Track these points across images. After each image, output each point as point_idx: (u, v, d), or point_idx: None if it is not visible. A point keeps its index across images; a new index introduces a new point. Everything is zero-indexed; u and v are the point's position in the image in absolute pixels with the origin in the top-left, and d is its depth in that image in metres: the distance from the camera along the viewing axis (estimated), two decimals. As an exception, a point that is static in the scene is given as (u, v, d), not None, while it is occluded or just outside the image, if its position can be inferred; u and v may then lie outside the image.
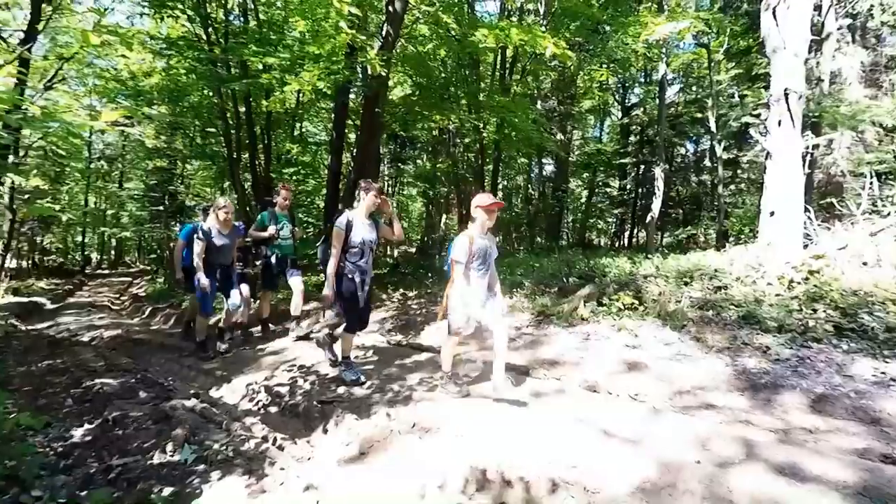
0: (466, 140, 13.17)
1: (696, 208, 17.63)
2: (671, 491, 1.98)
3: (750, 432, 2.58)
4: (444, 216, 17.55)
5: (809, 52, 7.28)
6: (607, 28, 10.27)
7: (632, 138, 18.89)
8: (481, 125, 9.78)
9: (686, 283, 5.37)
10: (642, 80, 17.87)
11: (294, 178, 11.13)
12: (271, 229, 4.93)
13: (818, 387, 3.19)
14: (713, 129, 13.33)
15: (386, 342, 4.93)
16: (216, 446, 2.46)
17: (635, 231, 19.70)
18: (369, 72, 6.15)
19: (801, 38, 5.50)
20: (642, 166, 17.90)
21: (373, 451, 2.52)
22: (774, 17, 5.58)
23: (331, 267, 3.32)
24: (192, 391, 3.53)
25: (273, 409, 3.27)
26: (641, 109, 18.28)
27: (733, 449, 2.31)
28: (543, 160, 18.17)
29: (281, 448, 2.60)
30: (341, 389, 3.31)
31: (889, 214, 5.33)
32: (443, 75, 9.76)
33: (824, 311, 4.08)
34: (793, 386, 3.24)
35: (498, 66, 12.13)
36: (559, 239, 17.03)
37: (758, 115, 8.59)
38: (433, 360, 4.00)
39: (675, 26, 8.76)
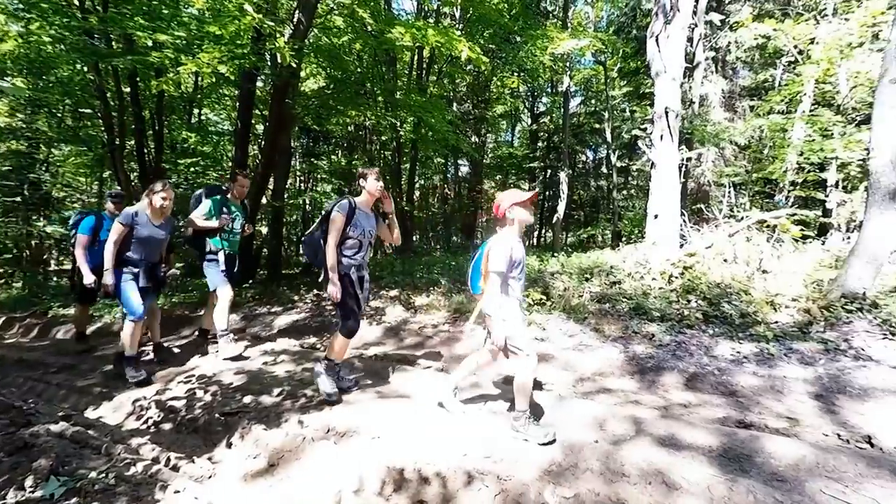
0: (383, 138, 13.02)
1: (595, 210, 19.42)
2: (574, 471, 2.15)
3: (638, 411, 2.89)
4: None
5: (684, 78, 8.39)
6: (518, 39, 10.84)
7: (540, 144, 20.15)
8: (398, 124, 9.74)
9: (587, 279, 5.88)
10: (549, 90, 19.13)
11: (193, 169, 10.08)
12: (222, 219, 4.10)
13: (691, 367, 3.69)
14: (609, 139, 14.76)
15: (299, 346, 4.69)
16: (93, 474, 2.14)
17: (543, 231, 21.06)
18: (279, 60, 5.80)
19: (677, 64, 6.31)
20: (549, 170, 19.19)
21: (283, 461, 2.39)
22: (657, 44, 6.32)
23: (330, 258, 2.87)
24: (60, 413, 3.03)
25: (167, 426, 2.93)
26: (548, 118, 19.58)
27: (625, 427, 2.59)
28: (459, 161, 18.64)
29: (176, 469, 2.35)
30: (248, 399, 3.08)
31: (742, 219, 6.34)
32: (359, 70, 9.54)
33: (696, 302, 4.73)
34: (672, 367, 3.71)
35: (415, 66, 12.18)
36: (475, 238, 17.57)
37: (644, 129, 9.68)
38: (348, 361, 3.89)
39: (576, 43, 9.53)
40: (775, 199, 9.89)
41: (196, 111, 11.68)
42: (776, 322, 4.26)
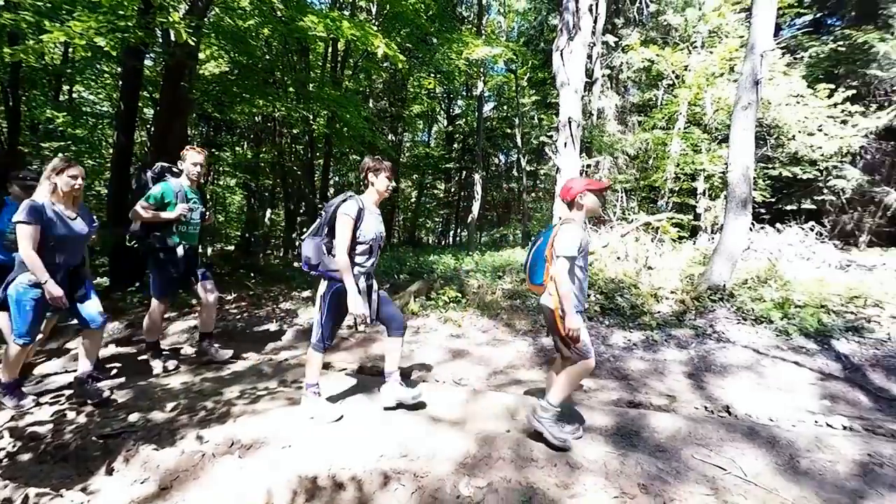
0: (295, 131, 12.37)
1: (508, 211, 20.43)
2: (487, 461, 2.25)
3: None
4: (270, 211, 16.14)
5: (585, 91, 9.14)
6: (434, 40, 10.98)
7: (455, 145, 20.64)
8: (311, 117, 9.31)
9: (499, 277, 6.15)
10: (465, 93, 19.67)
11: (61, 155, 8.62)
12: (180, 208, 3.39)
13: (590, 356, 4.05)
14: (519, 144, 15.61)
15: (197, 354, 4.26)
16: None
17: (458, 230, 21.61)
18: (173, 38, 5.20)
19: (579, 77, 6.87)
20: (464, 172, 19.74)
21: (179, 482, 2.15)
22: (562, 57, 6.83)
23: (345, 265, 2.50)
24: None
25: (26, 457, 2.49)
26: (464, 120, 20.12)
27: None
28: (376, 159, 18.36)
29: (38, 506, 2.00)
30: (134, 417, 2.72)
31: (632, 221, 7.11)
32: (267, 57, 8.94)
33: (595, 296, 5.19)
34: (574, 357, 4.03)
35: (329, 59, 11.74)
36: (390, 236, 17.44)
37: (551, 137, 10.39)
38: (256, 368, 3.64)
39: (490, 51, 9.93)
40: (658, 204, 11.24)
41: (66, 87, 10.03)
42: (659, 312, 4.84)
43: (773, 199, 12.37)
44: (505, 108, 19.08)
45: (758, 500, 1.95)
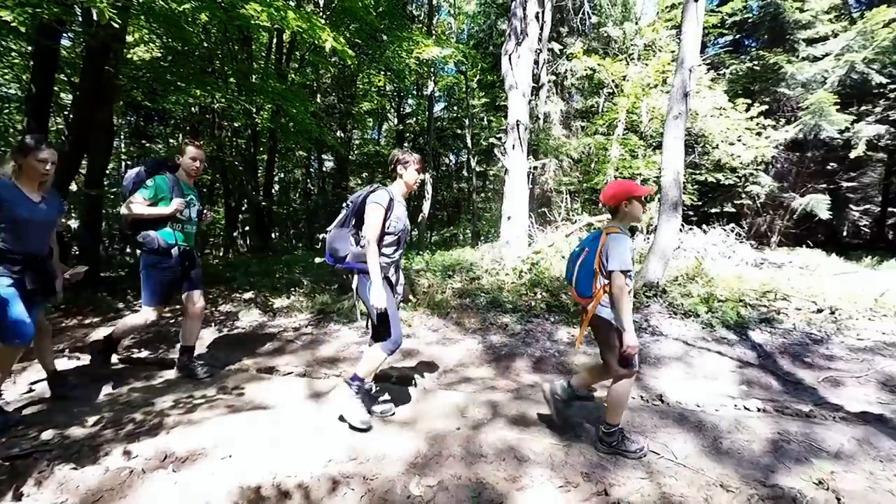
0: (236, 124, 11.74)
1: (457, 211, 20.63)
2: (438, 459, 2.26)
3: (494, 396, 3.17)
4: (208, 208, 15.19)
5: (532, 95, 9.43)
6: (385, 38, 10.85)
7: (406, 144, 20.52)
8: (254, 110, 8.88)
9: (449, 276, 6.20)
10: (415, 92, 19.62)
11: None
12: (176, 203, 3.13)
13: (537, 352, 4.18)
14: (469, 145, 15.80)
15: (124, 363, 3.92)
16: None
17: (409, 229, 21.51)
18: (95, 17, 4.75)
19: (526, 82, 7.08)
20: (415, 171, 19.65)
21: (103, 503, 1.97)
22: (510, 62, 7.00)
23: (374, 259, 2.40)
24: None
25: (-90, 487, 2.17)
26: (414, 119, 20.08)
27: (483, 412, 2.81)
28: (324, 155, 17.87)
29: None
30: (48, 434, 2.46)
31: (576, 222, 7.44)
32: (205, 45, 8.40)
33: (541, 294, 5.37)
34: (522, 353, 4.15)
35: (274, 50, 11.26)
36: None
37: (499, 139, 10.61)
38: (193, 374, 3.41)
39: (440, 51, 9.97)
40: (600, 205, 11.84)
41: (-39, 65, 8.85)
42: (600, 309, 5.10)
43: (699, 203, 13.45)
44: (455, 108, 19.23)
45: (686, 480, 2.11)
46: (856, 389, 3.41)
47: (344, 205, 2.65)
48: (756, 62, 13.21)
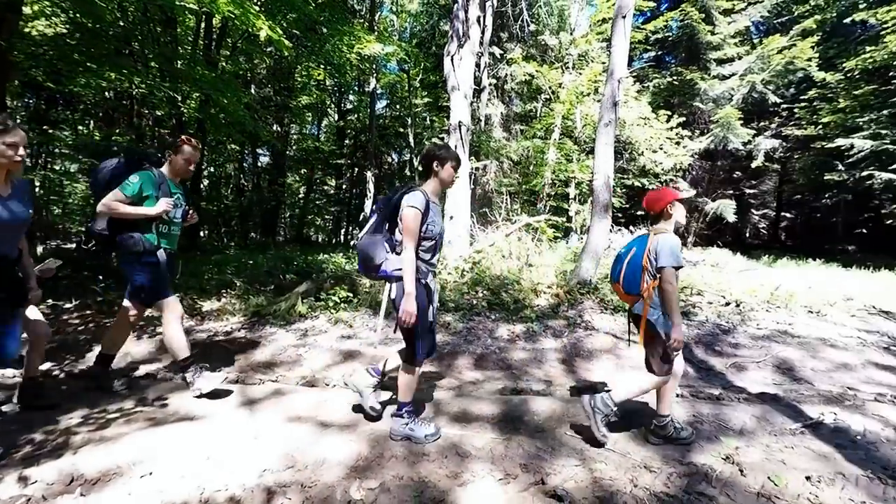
0: (159, 112, 10.81)
1: (400, 211, 20.46)
2: (380, 461, 2.23)
3: (437, 394, 3.19)
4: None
5: (474, 97, 9.60)
6: (324, 30, 10.51)
7: (347, 141, 20.06)
8: (179, 98, 8.22)
9: (392, 276, 6.14)
10: (357, 88, 19.21)
11: None
12: (164, 203, 2.80)
13: (479, 349, 4.26)
14: (412, 144, 15.76)
15: (18, 375, 3.47)
16: None
17: (350, 228, 21.04)
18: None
19: (468, 83, 7.19)
20: (356, 168, 19.28)
21: (-8, 537, 1.73)
22: (452, 63, 7.07)
23: (410, 264, 2.24)
24: None
25: None
26: (355, 116, 19.65)
27: (427, 410, 2.82)
28: (259, 150, 16.97)
29: None
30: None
31: (515, 222, 7.68)
32: (121, 23, 7.64)
33: (482, 293, 5.48)
34: (464, 351, 4.21)
35: (202, 35, 10.49)
36: (276, 234, 16.27)
37: (442, 139, 10.69)
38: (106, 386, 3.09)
39: (383, 48, 9.85)
40: (537, 206, 12.32)
41: None
42: (538, 305, 5.31)
43: (627, 206, 14.45)
44: (398, 107, 19.11)
45: (615, 464, 2.25)
46: (756, 373, 3.83)
47: (373, 208, 2.49)
48: (675, 77, 14.43)
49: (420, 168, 2.51)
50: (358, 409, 2.72)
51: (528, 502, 1.94)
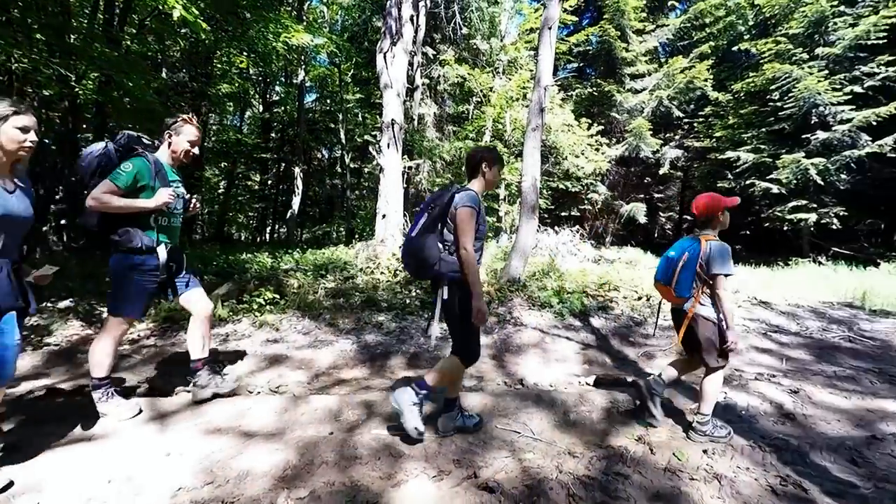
0: (47, 92, 9.46)
1: (331, 208, 19.83)
2: (309, 468, 2.14)
3: (370, 396, 3.13)
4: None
5: (407, 96, 9.57)
6: (248, 15, 9.87)
7: (273, 135, 19.03)
8: (73, 77, 7.25)
9: (322, 276, 5.94)
10: (284, 79, 18.28)
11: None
12: (165, 194, 2.48)
13: (412, 348, 4.26)
14: (343, 140, 15.33)
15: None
16: None
17: (277, 226, 19.98)
18: None
19: (401, 82, 7.15)
20: (283, 164, 18.35)
21: None
22: (385, 60, 6.99)
23: (474, 263, 2.22)
24: None
25: None
26: (282, 108, 18.70)
27: (358, 413, 2.76)
28: (171, 140, 15.49)
29: None
30: None
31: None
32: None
33: (415, 291, 5.49)
34: (397, 351, 4.19)
35: (102, 9, 9.35)
36: (192, 232, 15.01)
37: (375, 136, 10.53)
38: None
39: (312, 39, 9.47)
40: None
41: None
42: (470, 304, 5.43)
43: (552, 207, 15.26)
44: (328, 101, 18.48)
45: (542, 452, 2.37)
46: (663, 360, 4.24)
47: (422, 207, 2.40)
48: (595, 89, 15.50)
49: (467, 169, 2.53)
50: (395, 428, 2.47)
51: (461, 497, 1.98)
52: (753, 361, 4.33)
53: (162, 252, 2.60)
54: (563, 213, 15.82)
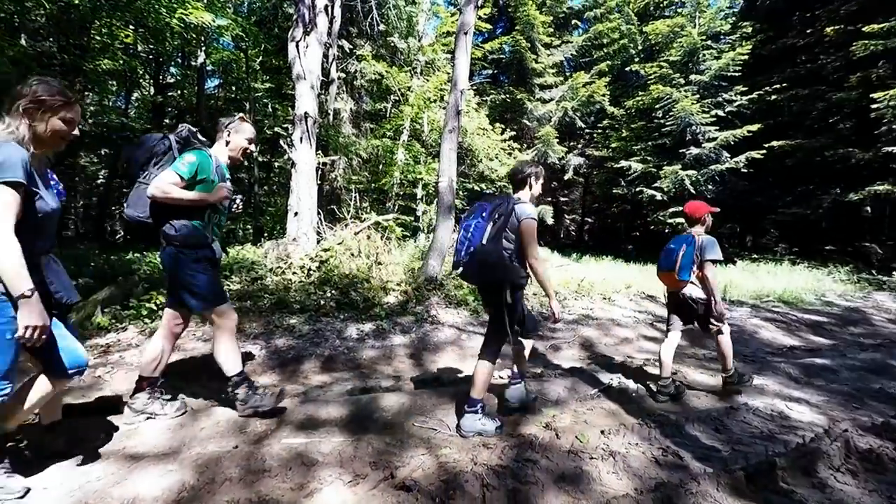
0: None
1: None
2: (210, 487, 1.96)
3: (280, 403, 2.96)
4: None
5: (322, 90, 9.19)
6: (135, -16, 8.75)
7: (167, 121, 17.10)
8: None
9: (227, 277, 5.47)
10: (181, 60, 16.51)
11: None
12: (224, 189, 2.47)
13: (327, 351, 4.11)
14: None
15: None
16: None
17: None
18: None
19: (316, 74, 6.85)
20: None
21: None
22: (297, 49, 6.64)
23: (547, 272, 2.65)
24: None
25: None
26: (179, 92, 16.90)
27: (266, 422, 2.59)
28: (33, 120, 13.15)
29: None
30: None
31: (364, 220, 7.63)
32: None
33: (330, 292, 5.30)
34: (311, 354, 4.01)
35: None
36: (64, 228, 12.92)
37: (286, 129, 9.96)
38: None
39: (213, 19, 8.68)
40: (387, 205, 12.45)
41: None
42: (387, 303, 5.38)
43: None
44: (234, 88, 17.04)
45: (458, 447, 2.43)
46: (568, 351, 4.59)
47: (482, 215, 2.49)
48: (508, 95, 16.28)
49: (512, 182, 2.77)
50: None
51: (377, 499, 1.95)
52: (642, 349, 4.87)
53: (217, 248, 2.59)
54: (479, 214, 16.32)
